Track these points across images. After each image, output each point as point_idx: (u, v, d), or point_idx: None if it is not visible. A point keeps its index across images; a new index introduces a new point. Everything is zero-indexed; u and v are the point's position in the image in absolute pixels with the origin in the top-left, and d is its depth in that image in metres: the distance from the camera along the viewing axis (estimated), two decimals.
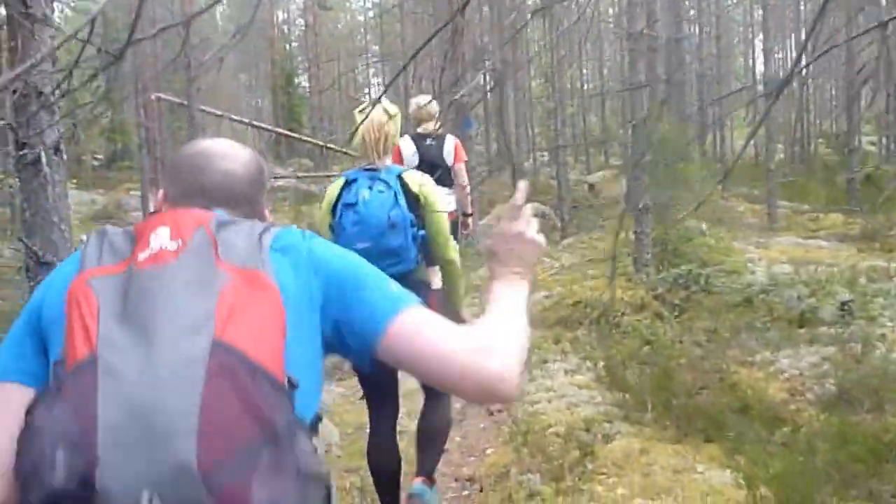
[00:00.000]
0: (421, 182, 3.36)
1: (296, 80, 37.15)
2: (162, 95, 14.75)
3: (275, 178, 24.15)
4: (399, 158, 6.17)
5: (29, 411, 1.08)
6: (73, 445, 1.01)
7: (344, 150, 15.58)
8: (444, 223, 3.37)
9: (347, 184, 3.32)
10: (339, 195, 3.29)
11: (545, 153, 27.51)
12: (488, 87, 14.59)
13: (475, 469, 4.78)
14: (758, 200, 17.46)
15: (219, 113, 15.00)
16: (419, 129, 6.43)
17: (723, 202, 16.21)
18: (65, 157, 4.14)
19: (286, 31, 43.25)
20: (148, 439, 1.01)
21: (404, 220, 3.20)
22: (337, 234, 3.23)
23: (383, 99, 3.36)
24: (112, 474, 0.99)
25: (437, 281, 3.46)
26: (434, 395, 3.46)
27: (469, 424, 5.62)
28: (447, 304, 3.42)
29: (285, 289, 1.23)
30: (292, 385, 1.15)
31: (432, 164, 6.05)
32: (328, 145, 21.34)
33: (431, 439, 3.56)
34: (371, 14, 52.69)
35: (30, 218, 4.02)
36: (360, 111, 3.39)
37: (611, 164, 27.46)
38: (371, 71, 51.77)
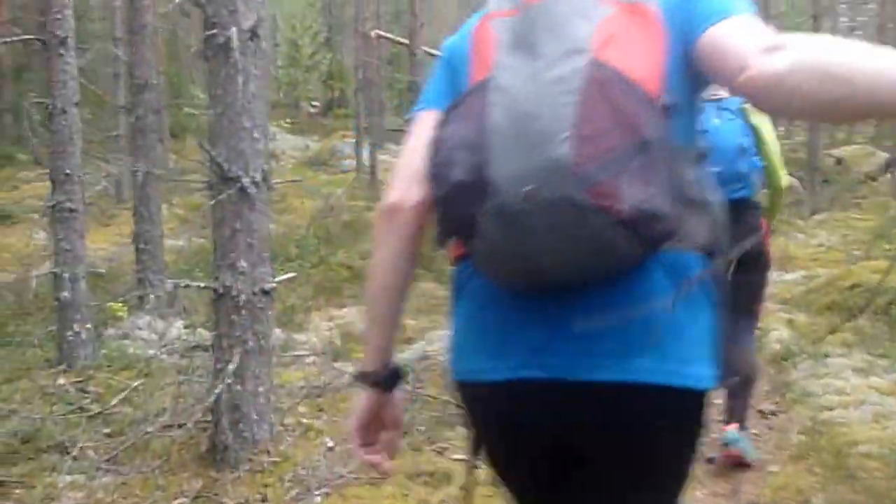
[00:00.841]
0: (758, 114, 3.45)
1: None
2: (382, 33, 14.09)
3: None
4: None
5: (437, 126, 1.26)
6: (469, 147, 1.16)
7: None
8: (776, 155, 3.52)
9: None
10: None
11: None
12: None
13: (758, 490, 3.67)
14: None
15: (406, 42, 14.20)
16: None
17: None
18: (263, 45, 3.24)
19: None
20: (529, 141, 1.12)
21: (751, 148, 3.43)
22: None
23: None
24: (500, 169, 1.12)
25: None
26: (737, 342, 3.51)
27: None
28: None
29: (671, 19, 1.24)
30: (669, 108, 1.17)
31: None
32: None
33: (742, 386, 3.63)
34: None
35: (215, 118, 3.16)
36: None
37: (856, 140, 24.54)
38: None
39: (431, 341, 5.79)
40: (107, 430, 4.29)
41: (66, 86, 5.26)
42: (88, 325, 5.51)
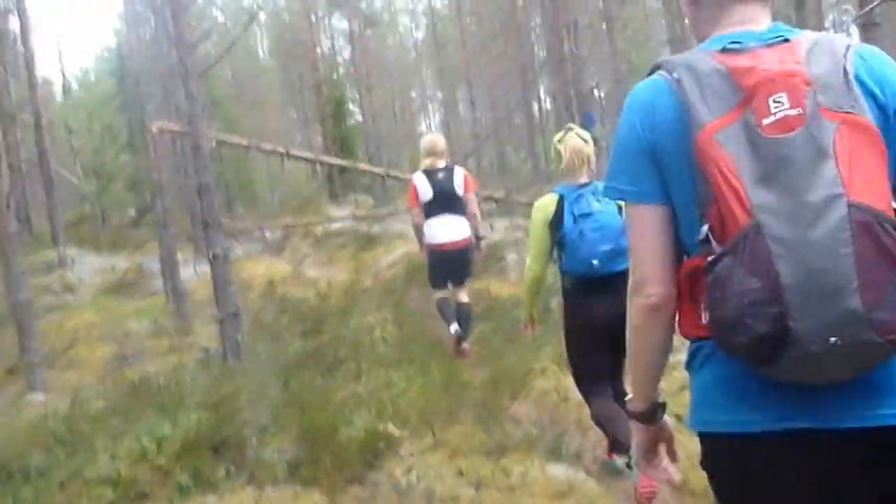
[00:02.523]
0: None
1: (347, 108, 33.87)
2: (165, 125, 11.44)
3: (329, 220, 20.84)
4: (414, 194, 7.44)
5: (713, 262, 1.39)
6: (766, 302, 1.31)
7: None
8: None
9: (563, 199, 4.17)
10: (561, 210, 4.11)
11: None
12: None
13: None
14: None
15: (244, 143, 11.93)
16: (428, 165, 7.35)
17: None
18: None
19: (333, 52, 40.17)
20: (823, 294, 1.29)
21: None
22: (572, 241, 4.07)
23: (575, 127, 4.43)
24: (801, 322, 1.30)
25: None
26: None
27: None
28: None
29: (884, 131, 1.42)
30: None
31: (445, 196, 7.28)
32: (389, 173, 18.42)
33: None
34: (421, 36, 49.94)
35: None
36: (559, 141, 4.38)
37: None
38: (427, 92, 48.81)
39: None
40: None
41: None
42: None
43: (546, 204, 4.22)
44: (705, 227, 1.43)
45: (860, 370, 1.38)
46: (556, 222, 4.15)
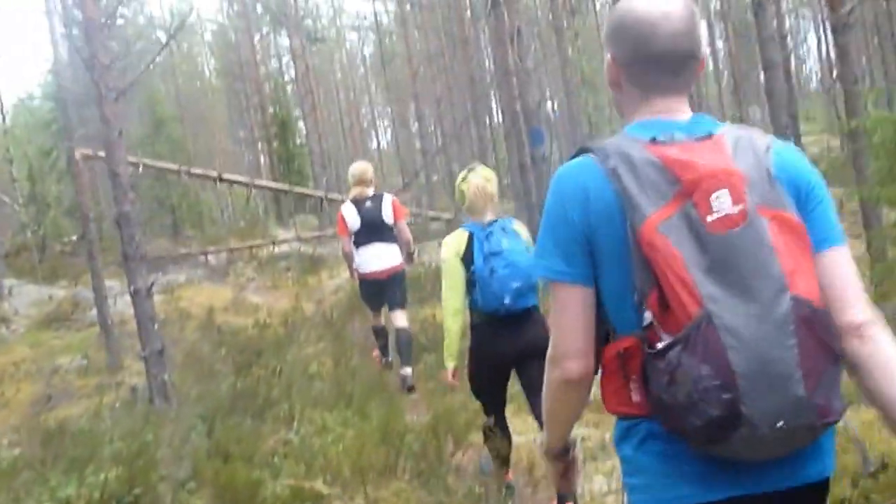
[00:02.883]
0: (524, 229, 4.40)
1: (294, 128, 33.29)
2: (85, 152, 10.88)
3: (274, 243, 20.29)
4: (343, 224, 7.48)
5: (663, 350, 1.44)
6: (719, 388, 1.39)
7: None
8: None
9: (473, 237, 4.24)
10: (472, 247, 4.20)
11: None
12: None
13: None
14: None
15: (174, 167, 11.35)
16: (356, 194, 7.45)
17: None
18: None
19: (280, 72, 39.54)
20: (772, 382, 1.40)
21: None
22: (483, 279, 4.14)
23: (478, 166, 4.51)
24: (752, 407, 1.39)
25: None
26: None
27: None
28: None
29: (809, 228, 1.54)
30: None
31: (373, 225, 7.34)
32: (329, 196, 17.96)
33: None
34: (369, 51, 49.58)
35: None
36: (463, 180, 4.42)
37: None
38: (377, 110, 48.38)
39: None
40: None
41: None
42: None
43: (457, 240, 4.32)
44: (648, 315, 1.49)
45: (798, 448, 1.50)
46: (467, 259, 4.23)
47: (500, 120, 36.42)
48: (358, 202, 7.39)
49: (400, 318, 7.66)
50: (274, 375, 8.33)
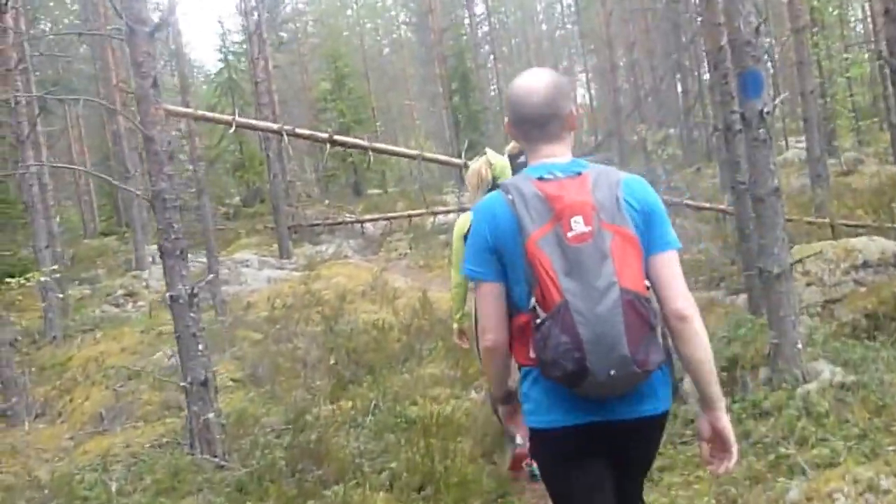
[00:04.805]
0: None
1: (475, 82, 31.04)
2: (167, 107, 9.15)
3: (434, 213, 18.20)
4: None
5: (539, 324, 2.17)
6: (573, 350, 2.12)
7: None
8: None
9: None
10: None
11: None
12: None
13: None
14: None
15: (274, 127, 9.38)
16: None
17: None
18: None
19: (472, 26, 37.18)
20: (606, 346, 2.11)
21: None
22: None
23: (487, 152, 4.93)
24: (593, 363, 2.11)
25: None
26: None
27: None
28: None
29: (637, 230, 2.24)
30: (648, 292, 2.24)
31: None
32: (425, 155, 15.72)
33: None
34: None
35: None
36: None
37: None
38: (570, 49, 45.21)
39: None
40: None
41: None
42: None
43: (463, 221, 4.80)
44: (533, 300, 2.21)
45: (630, 388, 2.24)
46: None
47: (708, 73, 32.62)
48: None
49: None
50: (364, 415, 6.20)
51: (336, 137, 15.77)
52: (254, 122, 16.21)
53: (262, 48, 20.00)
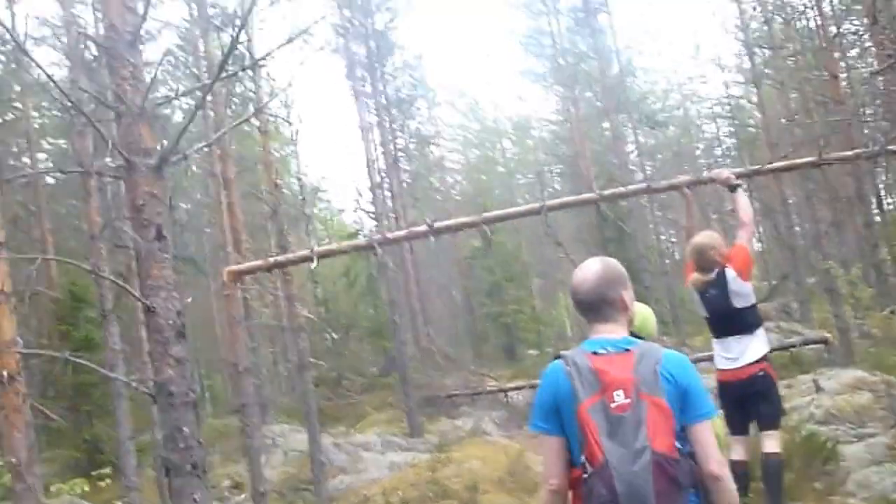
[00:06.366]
0: None
1: (630, 227, 29.18)
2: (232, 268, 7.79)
3: None
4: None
5: (587, 478, 2.60)
6: (611, 501, 2.53)
7: None
8: None
9: None
10: None
11: None
12: None
13: None
14: None
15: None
16: (694, 280, 6.41)
17: None
18: None
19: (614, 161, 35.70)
20: (637, 500, 2.51)
21: None
22: None
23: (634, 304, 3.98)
24: None
25: None
26: None
27: None
28: None
29: (671, 404, 2.66)
30: (682, 455, 2.66)
31: (722, 314, 6.24)
32: None
33: None
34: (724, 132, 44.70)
35: None
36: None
37: None
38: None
39: None
40: None
41: None
42: None
43: None
44: (583, 457, 2.63)
45: None
46: None
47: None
48: (700, 287, 6.28)
49: (771, 441, 6.07)
50: None
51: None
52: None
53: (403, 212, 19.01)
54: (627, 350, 2.75)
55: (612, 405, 2.61)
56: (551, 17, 29.58)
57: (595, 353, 2.74)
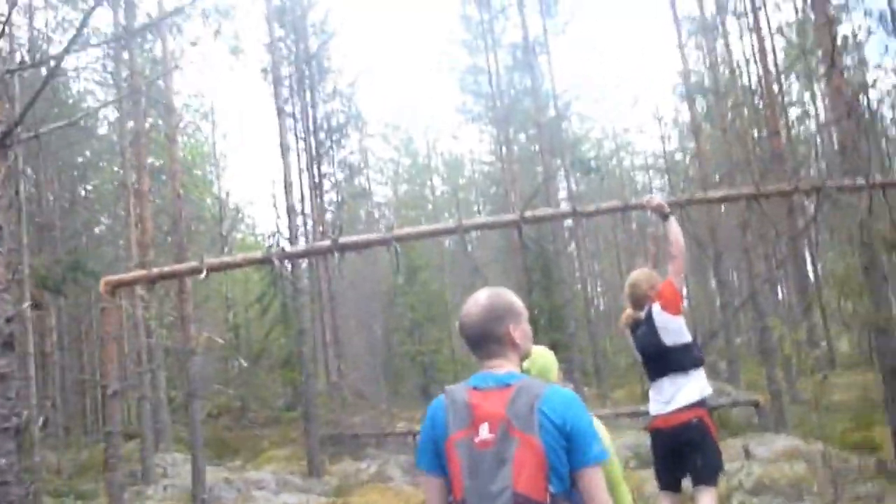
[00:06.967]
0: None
1: (560, 272, 28.83)
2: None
3: None
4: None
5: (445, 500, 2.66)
6: None
7: None
8: None
9: None
10: None
11: None
12: None
13: None
14: None
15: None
16: (625, 317, 6.22)
17: None
18: None
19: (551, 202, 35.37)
20: None
21: None
22: None
23: (535, 348, 3.67)
24: None
25: None
26: None
27: None
28: None
29: (546, 443, 2.49)
30: (552, 496, 2.49)
31: (652, 354, 5.89)
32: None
33: None
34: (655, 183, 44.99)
35: None
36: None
37: None
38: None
39: None
40: None
41: None
42: None
43: None
44: (451, 497, 2.59)
45: None
46: None
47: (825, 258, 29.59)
48: (630, 325, 6.02)
49: (704, 499, 5.36)
50: None
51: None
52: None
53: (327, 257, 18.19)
54: (508, 385, 2.60)
55: (476, 440, 2.52)
56: (490, 52, 29.15)
57: (475, 388, 2.63)
